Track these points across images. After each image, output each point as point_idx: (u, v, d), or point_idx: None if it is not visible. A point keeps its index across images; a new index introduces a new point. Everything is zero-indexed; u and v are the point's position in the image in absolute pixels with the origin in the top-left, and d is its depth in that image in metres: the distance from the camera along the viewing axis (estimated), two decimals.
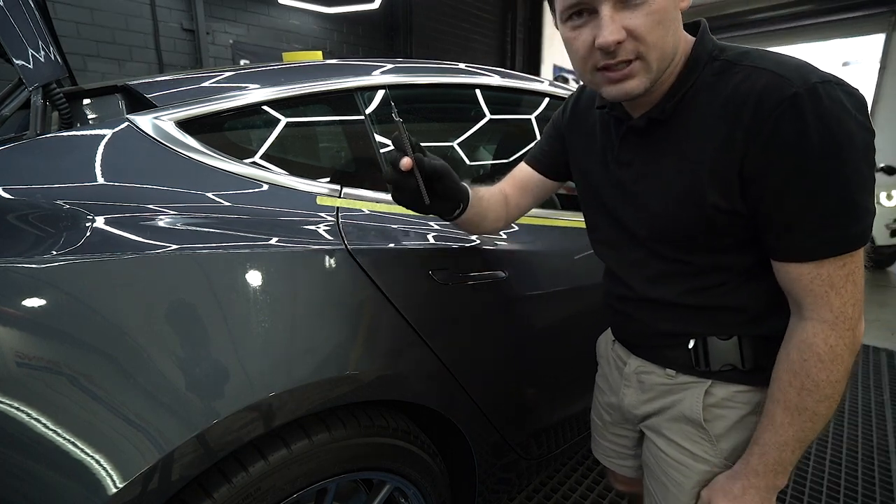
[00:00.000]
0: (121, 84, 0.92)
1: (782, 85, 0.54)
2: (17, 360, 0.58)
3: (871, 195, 0.56)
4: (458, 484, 1.15)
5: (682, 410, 0.74)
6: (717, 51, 0.62)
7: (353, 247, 0.85)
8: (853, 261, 0.57)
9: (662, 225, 0.67)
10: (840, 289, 0.57)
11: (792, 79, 0.54)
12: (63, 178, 0.71)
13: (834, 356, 0.59)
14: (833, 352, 0.58)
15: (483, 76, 1.29)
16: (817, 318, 0.59)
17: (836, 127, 0.52)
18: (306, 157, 1.05)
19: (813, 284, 0.58)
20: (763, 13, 8.32)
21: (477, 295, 1.01)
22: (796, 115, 0.52)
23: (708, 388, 0.71)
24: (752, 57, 0.58)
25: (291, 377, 0.74)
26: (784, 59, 0.57)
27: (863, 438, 1.98)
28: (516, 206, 0.92)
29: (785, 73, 0.54)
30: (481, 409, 1.05)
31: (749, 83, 0.56)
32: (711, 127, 0.59)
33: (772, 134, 0.54)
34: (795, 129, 0.53)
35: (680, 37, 0.61)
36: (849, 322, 0.58)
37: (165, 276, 0.68)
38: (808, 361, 0.59)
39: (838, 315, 0.58)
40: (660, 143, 0.65)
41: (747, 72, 0.57)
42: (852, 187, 0.54)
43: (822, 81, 0.53)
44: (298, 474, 0.78)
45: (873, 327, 3.25)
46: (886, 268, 4.85)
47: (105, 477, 0.59)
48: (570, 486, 1.66)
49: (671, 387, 0.75)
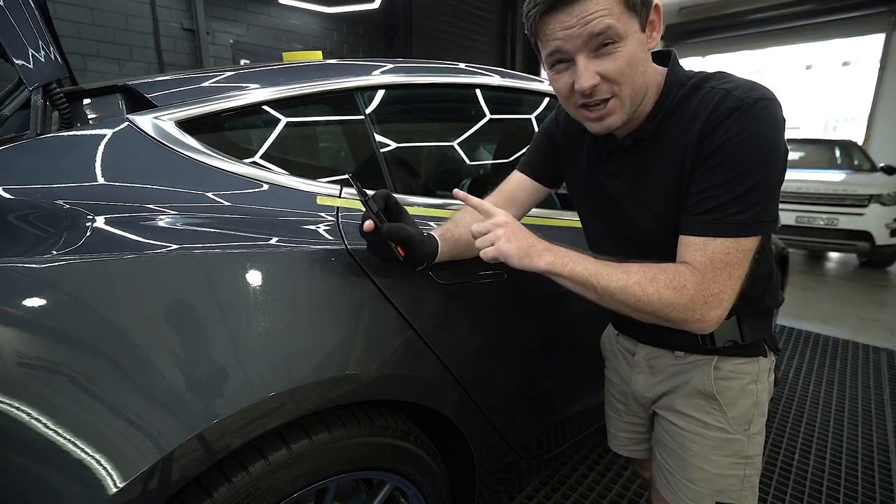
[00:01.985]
0: (121, 84, 0.92)
1: (732, 99, 0.65)
2: (17, 360, 0.58)
3: (770, 199, 0.66)
4: (458, 484, 1.15)
5: (695, 386, 0.83)
6: (685, 78, 0.73)
7: (354, 247, 0.85)
8: (738, 248, 0.66)
9: (650, 230, 0.77)
10: (717, 270, 0.66)
11: (740, 95, 0.65)
12: (63, 177, 0.71)
13: (680, 290, 0.66)
14: (683, 289, 0.66)
15: (483, 76, 1.29)
16: (691, 269, 0.67)
17: (764, 133, 0.64)
18: (306, 156, 1.05)
19: (697, 253, 0.67)
20: (763, 13, 8.32)
21: (477, 295, 1.01)
22: (738, 119, 0.64)
23: (715, 363, 0.82)
24: (715, 79, 0.70)
25: (291, 377, 0.74)
26: (740, 81, 0.68)
27: (863, 438, 1.98)
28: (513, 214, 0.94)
29: (735, 92, 0.66)
30: (481, 408, 1.05)
31: (708, 99, 0.68)
32: (678, 139, 0.70)
33: (713, 131, 0.65)
34: (734, 128, 0.64)
35: (650, 71, 0.71)
36: (706, 295, 0.66)
37: (165, 276, 0.68)
38: (665, 271, 0.68)
39: (705, 283, 0.66)
40: (642, 157, 0.75)
41: (707, 91, 0.69)
42: (756, 184, 0.64)
43: (762, 98, 0.64)
44: (298, 474, 0.78)
45: (873, 327, 3.25)
46: (886, 268, 4.86)
47: (105, 477, 0.59)
48: (570, 486, 1.66)
49: (682, 367, 0.85)
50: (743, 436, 0.82)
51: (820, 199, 4.56)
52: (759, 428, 0.83)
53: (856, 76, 8.86)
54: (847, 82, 9.06)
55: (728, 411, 0.81)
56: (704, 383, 0.82)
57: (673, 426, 0.87)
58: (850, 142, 5.65)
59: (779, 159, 0.65)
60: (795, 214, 4.64)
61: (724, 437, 0.82)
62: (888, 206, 4.35)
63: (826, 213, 4.51)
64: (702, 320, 0.67)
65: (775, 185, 0.66)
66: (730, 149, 0.64)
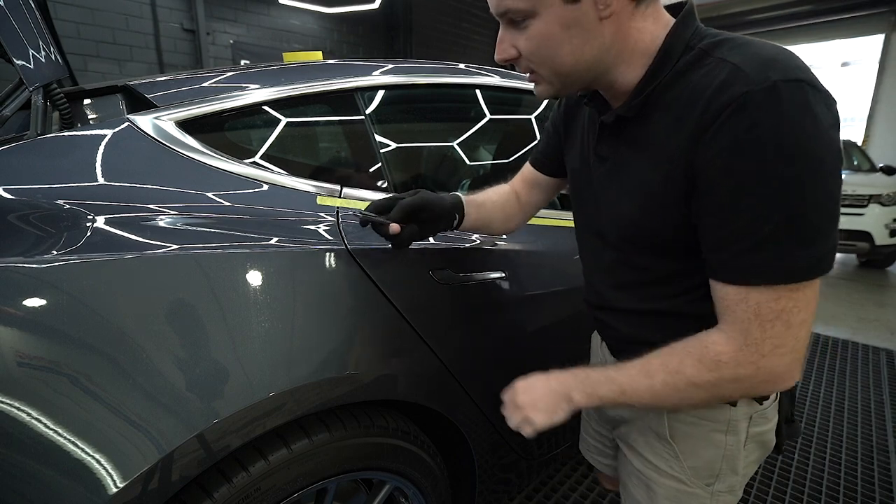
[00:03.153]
0: (121, 84, 0.92)
1: (737, 82, 0.47)
2: (17, 360, 0.58)
3: (829, 219, 0.48)
4: (458, 484, 1.15)
5: (649, 423, 0.72)
6: (695, 39, 0.55)
7: (354, 247, 0.85)
8: (793, 297, 0.49)
9: (628, 226, 0.63)
10: (766, 324, 0.50)
11: (751, 74, 0.46)
12: (63, 178, 0.71)
13: (713, 368, 0.53)
14: (716, 365, 0.52)
15: (483, 76, 1.29)
16: (727, 331, 0.53)
17: (794, 134, 0.45)
18: (306, 157, 1.05)
19: (737, 308, 0.51)
20: (763, 13, 8.32)
21: (477, 295, 1.01)
22: (745, 117, 0.46)
23: None
24: (727, 46, 0.51)
25: (291, 377, 0.74)
26: (760, 49, 0.49)
27: (863, 438, 1.98)
28: (528, 204, 0.93)
29: (746, 68, 0.47)
30: (481, 409, 1.05)
31: (708, 79, 0.50)
32: (671, 126, 0.54)
33: (715, 137, 0.48)
34: (742, 133, 0.46)
35: (597, 44, 0.55)
36: (756, 356, 0.51)
37: (166, 276, 0.68)
38: (690, 353, 0.55)
39: (750, 344, 0.51)
40: (631, 140, 0.61)
41: (713, 64, 0.50)
42: (803, 207, 0.46)
43: (787, 80, 0.45)
44: (298, 474, 0.78)
45: (873, 327, 3.25)
46: (886, 268, 4.85)
47: (105, 477, 0.59)
48: (570, 486, 1.66)
49: None
50: (703, 491, 0.69)
51: None
52: (729, 487, 0.69)
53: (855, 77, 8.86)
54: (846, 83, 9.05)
55: (685, 460, 0.69)
56: (656, 422, 0.70)
57: (629, 463, 0.76)
58: (850, 142, 5.65)
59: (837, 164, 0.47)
60: None
61: (680, 487, 0.70)
62: (887, 207, 4.35)
63: None
64: (773, 382, 0.53)
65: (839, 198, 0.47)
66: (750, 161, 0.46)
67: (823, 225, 0.47)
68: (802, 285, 0.49)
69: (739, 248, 0.49)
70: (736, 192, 0.48)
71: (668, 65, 0.55)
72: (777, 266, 0.48)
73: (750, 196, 0.47)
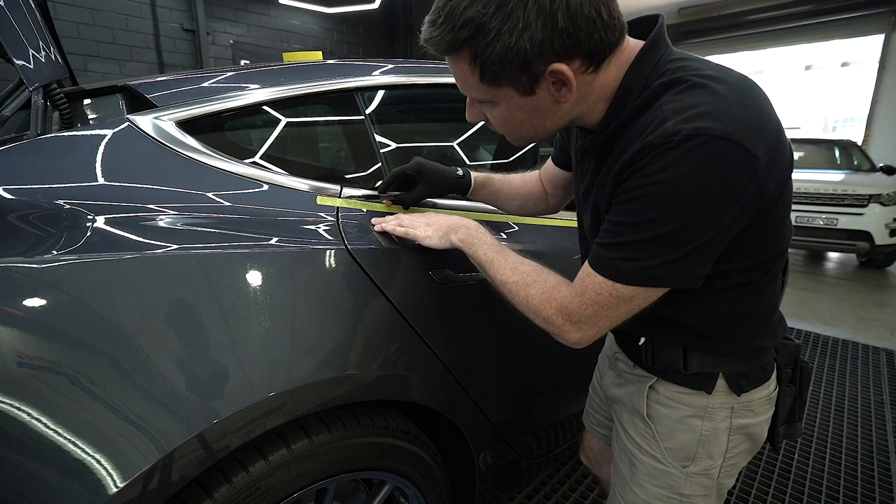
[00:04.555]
0: (121, 84, 0.92)
1: (661, 131, 0.53)
2: (17, 360, 0.58)
3: (682, 254, 0.55)
4: (458, 484, 1.15)
5: (633, 402, 0.79)
6: (654, 75, 0.59)
7: (353, 247, 0.85)
8: (611, 293, 0.60)
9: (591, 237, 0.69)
10: (586, 302, 0.62)
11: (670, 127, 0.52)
12: (63, 178, 0.71)
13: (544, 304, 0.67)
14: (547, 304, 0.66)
15: None
16: (568, 294, 0.65)
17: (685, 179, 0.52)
18: (306, 157, 1.05)
19: (578, 280, 0.64)
20: (763, 13, 8.32)
21: (477, 295, 1.01)
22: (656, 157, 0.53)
23: (653, 383, 0.76)
24: (675, 89, 0.56)
25: (291, 377, 0.74)
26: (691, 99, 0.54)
27: (862, 438, 1.98)
28: (553, 195, 1.00)
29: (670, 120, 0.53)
30: (481, 408, 1.05)
31: (649, 121, 0.56)
32: (618, 158, 0.59)
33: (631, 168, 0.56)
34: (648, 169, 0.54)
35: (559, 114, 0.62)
36: (567, 315, 0.64)
37: (165, 276, 0.68)
38: (543, 283, 0.68)
39: (571, 302, 0.64)
40: (597, 166, 0.67)
41: (655, 110, 0.56)
42: (658, 236, 0.55)
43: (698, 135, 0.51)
44: (298, 474, 0.78)
45: (873, 327, 3.25)
46: (886, 268, 4.86)
47: (105, 477, 0.59)
48: (570, 486, 1.66)
49: (629, 377, 0.82)
50: (678, 472, 0.74)
51: (819, 199, 4.57)
52: (704, 469, 0.73)
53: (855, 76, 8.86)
54: (846, 83, 9.06)
55: (662, 440, 0.75)
56: (638, 401, 0.78)
57: (618, 438, 0.83)
58: (850, 142, 5.66)
59: (704, 211, 0.53)
60: (795, 214, 4.64)
61: (657, 466, 0.76)
62: (887, 206, 4.35)
63: (825, 213, 4.52)
64: (560, 336, 0.67)
65: (690, 239, 0.54)
66: (636, 190, 0.55)
67: (677, 253, 0.56)
68: (622, 287, 0.59)
69: (602, 242, 0.61)
70: (622, 205, 0.58)
71: (626, 105, 0.60)
72: (614, 267, 0.59)
73: (627, 213, 0.57)
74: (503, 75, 0.56)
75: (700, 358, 0.70)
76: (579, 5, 0.52)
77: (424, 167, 0.94)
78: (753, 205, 0.55)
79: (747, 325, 0.69)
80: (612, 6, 0.55)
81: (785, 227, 0.64)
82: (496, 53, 0.54)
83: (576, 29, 0.53)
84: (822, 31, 8.36)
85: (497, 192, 1.01)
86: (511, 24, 0.52)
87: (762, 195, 0.55)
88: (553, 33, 0.52)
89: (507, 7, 0.51)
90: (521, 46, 0.53)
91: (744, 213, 0.55)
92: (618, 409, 0.85)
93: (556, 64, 0.55)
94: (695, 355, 0.70)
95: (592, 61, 0.57)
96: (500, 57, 0.54)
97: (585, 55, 0.56)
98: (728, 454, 0.73)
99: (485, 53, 0.54)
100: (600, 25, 0.54)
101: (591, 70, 0.57)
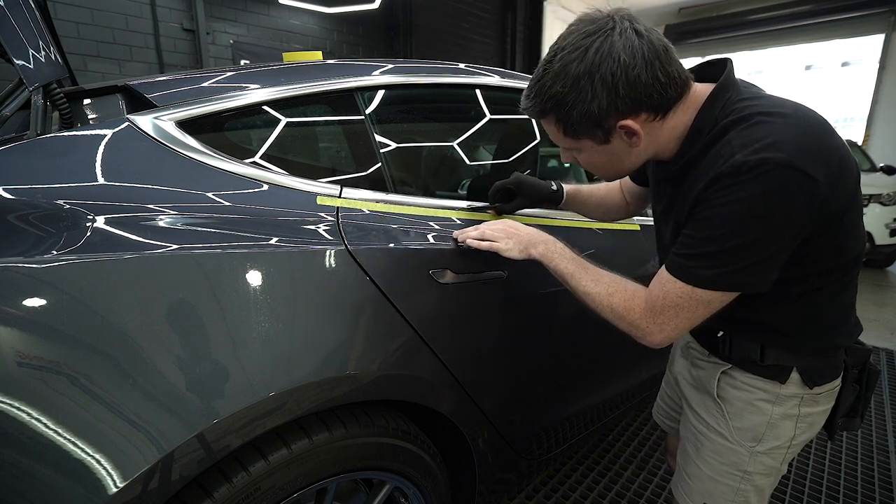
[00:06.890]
0: (121, 84, 0.92)
1: (731, 162, 0.62)
2: (17, 360, 0.58)
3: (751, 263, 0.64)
4: (458, 484, 1.15)
5: (704, 382, 0.87)
6: (723, 114, 0.68)
7: (353, 247, 0.85)
8: (690, 296, 0.69)
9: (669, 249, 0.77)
10: (667, 306, 0.71)
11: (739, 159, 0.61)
12: (63, 178, 0.71)
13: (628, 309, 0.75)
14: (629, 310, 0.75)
15: (483, 76, 1.29)
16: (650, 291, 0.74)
17: (754, 202, 0.61)
18: (306, 157, 1.05)
19: (657, 285, 0.73)
20: (763, 13, 8.33)
21: (477, 295, 1.01)
22: (728, 185, 0.62)
23: (728, 369, 0.83)
24: (743, 125, 0.65)
25: (291, 377, 0.74)
26: (756, 132, 0.62)
27: (863, 438, 1.98)
28: (633, 204, 1.10)
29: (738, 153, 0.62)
30: (481, 408, 1.05)
31: (720, 154, 0.65)
32: (693, 186, 0.69)
33: (705, 193, 0.65)
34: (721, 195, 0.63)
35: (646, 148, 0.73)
36: (649, 321, 0.73)
37: (165, 276, 0.68)
38: (624, 291, 0.77)
39: (653, 308, 0.72)
40: (670, 194, 0.78)
41: (725, 144, 0.65)
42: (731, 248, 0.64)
43: (763, 163, 0.59)
44: (298, 474, 0.78)
45: (873, 327, 3.25)
46: (886, 268, 4.85)
47: (105, 477, 0.59)
48: (570, 486, 1.66)
49: (704, 363, 0.88)
50: (744, 449, 0.81)
51: None
52: (769, 450, 0.81)
53: (855, 76, 8.86)
54: (846, 83, 9.06)
55: (731, 420, 0.82)
56: (709, 383, 0.85)
57: (687, 419, 0.91)
58: (850, 142, 5.65)
59: (771, 227, 0.62)
60: None
61: (723, 443, 0.83)
62: (888, 206, 4.35)
63: None
64: (644, 339, 0.75)
65: (761, 250, 0.64)
66: (713, 209, 0.64)
67: (747, 262, 0.64)
68: (700, 291, 0.68)
69: (681, 252, 0.70)
70: (699, 222, 0.67)
71: (696, 143, 0.70)
72: (692, 273, 0.68)
73: (704, 228, 0.66)
74: (581, 131, 0.70)
75: (777, 352, 0.77)
76: (637, 76, 0.64)
77: (522, 181, 1.08)
78: (817, 218, 0.63)
79: (825, 325, 0.76)
80: (669, 69, 0.66)
81: (856, 235, 0.70)
82: (574, 117, 0.68)
83: (636, 93, 0.65)
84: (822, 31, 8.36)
85: (584, 202, 1.14)
86: (583, 97, 0.66)
87: (826, 209, 0.62)
88: (616, 99, 0.65)
89: (579, 84, 0.66)
90: (592, 111, 0.66)
91: (807, 226, 0.63)
92: (687, 391, 0.92)
93: (624, 120, 0.68)
94: (772, 350, 0.77)
95: (658, 113, 0.68)
96: (577, 119, 0.68)
97: (649, 109, 0.67)
98: (794, 440, 0.81)
99: (566, 118, 0.69)
100: (658, 87, 0.65)
101: (658, 118, 0.69)
